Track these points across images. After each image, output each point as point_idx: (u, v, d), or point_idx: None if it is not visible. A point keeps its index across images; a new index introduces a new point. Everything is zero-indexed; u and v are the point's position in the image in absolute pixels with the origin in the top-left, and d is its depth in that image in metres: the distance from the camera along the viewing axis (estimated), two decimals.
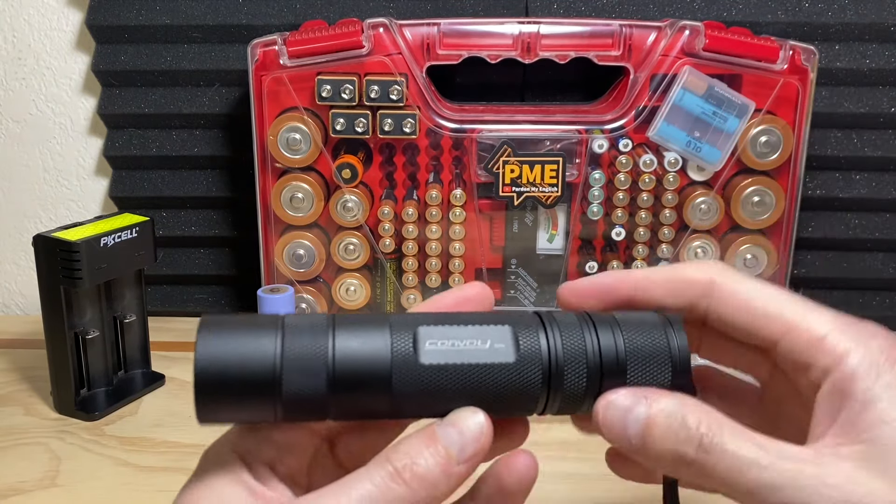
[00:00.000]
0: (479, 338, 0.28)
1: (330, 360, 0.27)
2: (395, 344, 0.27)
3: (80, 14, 0.76)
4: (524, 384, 0.28)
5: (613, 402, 0.28)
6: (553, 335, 0.29)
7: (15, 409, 0.61)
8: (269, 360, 0.27)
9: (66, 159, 0.80)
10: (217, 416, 0.28)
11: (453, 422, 0.27)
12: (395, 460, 0.26)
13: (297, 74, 0.63)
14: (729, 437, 0.26)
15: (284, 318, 0.28)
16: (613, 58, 0.64)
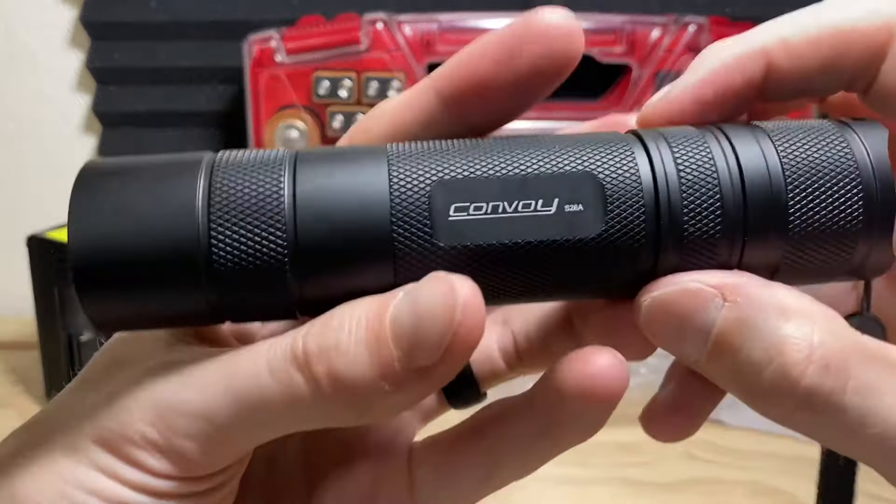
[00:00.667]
0: (540, 196, 0.18)
1: (288, 203, 0.17)
2: (393, 179, 0.18)
3: (74, 11, 0.75)
4: (616, 263, 0.18)
5: (659, 298, 0.18)
6: (662, 162, 0.18)
7: (9, 411, 0.60)
8: (187, 211, 0.17)
9: (60, 157, 0.79)
10: (120, 315, 0.18)
11: (413, 291, 0.17)
12: (311, 339, 0.17)
13: (294, 71, 0.62)
14: (860, 376, 0.17)
15: (214, 156, 0.19)
16: (617, 54, 0.63)
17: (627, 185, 0.18)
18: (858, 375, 0.17)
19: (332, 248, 0.17)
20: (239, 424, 0.17)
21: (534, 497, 0.50)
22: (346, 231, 0.17)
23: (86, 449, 0.18)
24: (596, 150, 0.18)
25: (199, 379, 0.17)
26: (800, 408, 0.17)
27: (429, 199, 0.17)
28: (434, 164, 0.18)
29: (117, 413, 0.17)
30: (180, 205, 0.17)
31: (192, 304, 0.18)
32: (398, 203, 0.17)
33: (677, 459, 0.54)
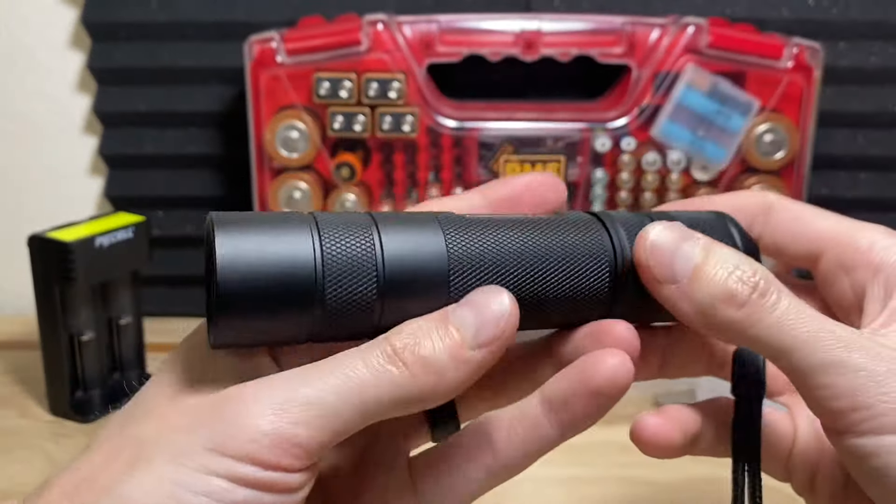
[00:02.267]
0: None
1: (379, 258, 0.23)
2: (449, 243, 0.24)
3: (75, 11, 0.75)
4: (592, 283, 0.26)
5: (663, 233, 0.26)
6: (618, 234, 0.27)
7: (9, 411, 0.60)
8: (307, 260, 0.22)
9: (60, 158, 0.80)
10: (238, 337, 0.23)
11: (469, 301, 0.23)
12: (396, 340, 0.22)
13: (294, 72, 0.62)
14: (785, 291, 0.25)
15: (315, 215, 0.24)
16: (616, 55, 0.63)
17: (601, 259, 0.27)
18: (781, 288, 0.25)
19: (408, 292, 0.24)
20: (342, 410, 0.22)
21: (533, 496, 0.50)
22: (414, 279, 0.24)
23: (197, 455, 0.21)
24: (579, 234, 0.27)
25: (306, 379, 0.22)
26: (753, 290, 0.25)
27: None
28: (477, 238, 0.25)
29: (232, 417, 0.21)
30: (305, 256, 0.22)
31: (298, 331, 0.23)
32: (454, 266, 0.24)
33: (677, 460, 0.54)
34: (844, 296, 0.29)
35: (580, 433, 0.26)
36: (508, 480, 0.27)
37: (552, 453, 0.54)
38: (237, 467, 0.21)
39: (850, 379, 0.24)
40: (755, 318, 0.25)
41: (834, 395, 0.24)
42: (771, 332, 0.24)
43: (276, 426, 0.21)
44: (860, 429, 0.24)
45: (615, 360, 0.25)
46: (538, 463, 0.55)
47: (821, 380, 0.24)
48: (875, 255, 0.28)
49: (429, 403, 0.23)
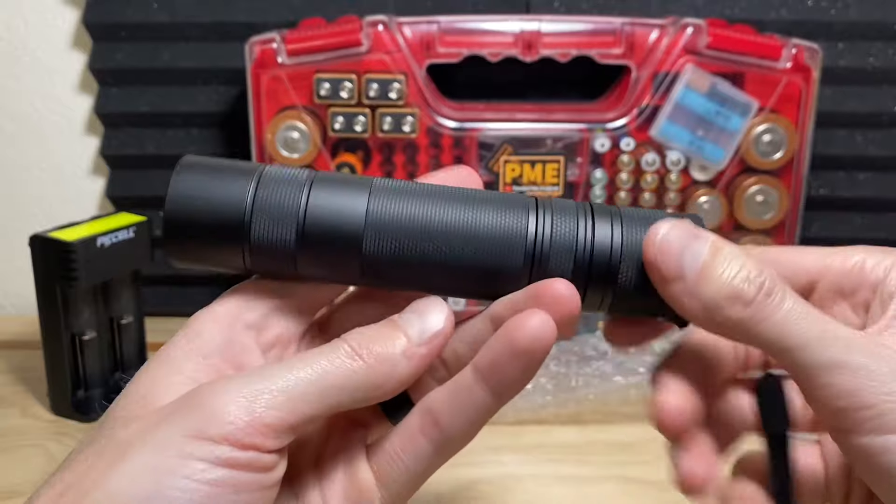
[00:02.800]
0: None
1: (301, 211, 0.27)
2: (371, 207, 0.27)
3: (76, 12, 0.75)
4: (504, 265, 0.27)
5: (673, 230, 0.27)
6: (544, 219, 0.27)
7: (11, 410, 0.60)
8: (238, 205, 0.27)
9: (62, 158, 0.80)
10: (186, 256, 0.28)
11: (413, 308, 0.27)
12: (351, 339, 0.26)
13: (295, 72, 0.62)
14: (790, 292, 0.26)
15: (264, 168, 0.28)
16: (615, 56, 0.63)
17: (517, 240, 0.27)
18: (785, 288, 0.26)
19: (326, 244, 0.27)
20: (308, 395, 0.24)
21: (532, 495, 0.51)
22: (334, 237, 0.27)
23: (175, 443, 0.23)
24: (503, 213, 0.27)
25: (273, 371, 0.24)
26: (759, 290, 0.25)
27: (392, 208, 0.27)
28: (398, 206, 0.27)
29: (207, 405, 0.23)
30: (237, 200, 0.27)
31: (233, 261, 0.28)
32: (369, 229, 0.27)
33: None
34: (848, 321, 0.29)
35: (516, 395, 0.27)
36: (507, 483, 0.30)
37: (554, 453, 0.54)
38: (214, 449, 0.23)
39: (853, 378, 0.24)
40: (760, 316, 0.25)
41: (837, 394, 0.24)
42: (775, 331, 0.25)
43: (249, 410, 0.23)
44: (864, 427, 0.24)
45: (536, 319, 0.26)
46: (539, 462, 0.56)
47: (824, 379, 0.24)
48: (869, 275, 0.28)
49: (384, 391, 0.26)
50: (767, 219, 0.64)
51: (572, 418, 0.59)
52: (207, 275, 0.78)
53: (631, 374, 0.56)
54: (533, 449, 0.55)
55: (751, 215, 0.64)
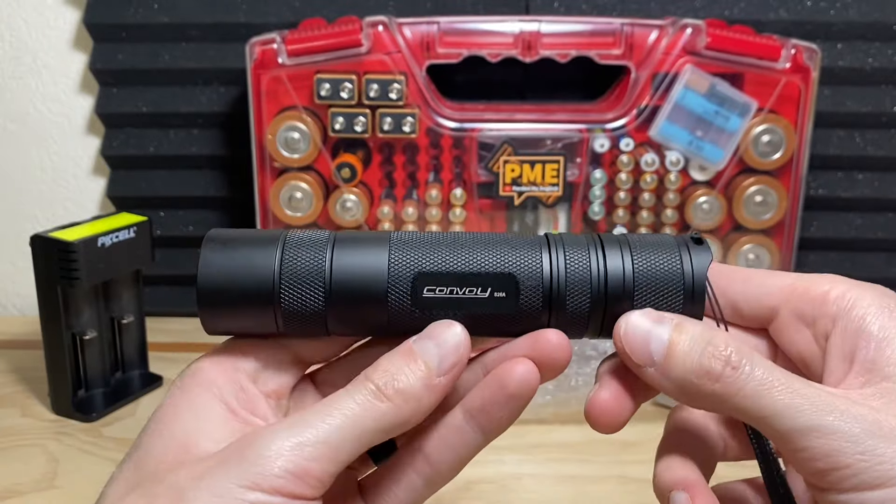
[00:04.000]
0: (478, 286, 0.28)
1: (327, 273, 0.28)
2: (392, 260, 0.28)
3: (77, 12, 0.76)
4: (526, 323, 0.29)
5: (635, 321, 0.28)
6: (557, 263, 0.28)
7: (12, 410, 0.60)
8: (267, 273, 0.28)
9: (63, 159, 0.80)
10: (220, 325, 0.29)
11: (429, 335, 0.28)
12: (376, 378, 0.27)
13: (295, 73, 0.62)
14: (757, 360, 0.26)
15: (287, 234, 0.29)
16: (615, 56, 0.63)
17: (533, 280, 0.28)
18: (752, 357, 0.26)
19: (353, 301, 0.28)
20: (344, 443, 0.26)
21: (533, 494, 0.51)
22: (360, 294, 0.28)
23: (232, 492, 0.25)
24: (517, 254, 0.28)
25: (309, 422, 0.26)
26: (726, 364, 0.26)
27: (411, 282, 0.28)
28: (418, 256, 0.28)
29: (257, 459, 0.25)
30: (265, 269, 0.28)
31: (265, 327, 0.29)
32: (392, 282, 0.28)
33: None
34: (807, 348, 0.29)
35: (503, 433, 0.29)
36: (507, 482, 0.33)
37: (554, 452, 0.55)
38: (267, 499, 0.25)
39: (828, 442, 0.25)
40: (732, 390, 0.26)
41: (814, 456, 0.25)
42: (749, 402, 0.26)
43: (296, 463, 0.25)
44: (842, 487, 0.25)
45: (524, 367, 0.28)
46: (540, 461, 0.56)
47: (801, 443, 0.25)
48: (831, 306, 0.28)
49: (410, 426, 0.27)
50: (766, 219, 0.64)
51: (573, 418, 0.59)
52: None
53: None
54: (534, 448, 0.56)
55: (750, 215, 0.64)
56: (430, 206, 0.64)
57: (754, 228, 0.65)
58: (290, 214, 0.65)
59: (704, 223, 0.65)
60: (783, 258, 0.66)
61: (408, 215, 0.64)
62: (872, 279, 0.83)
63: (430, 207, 0.64)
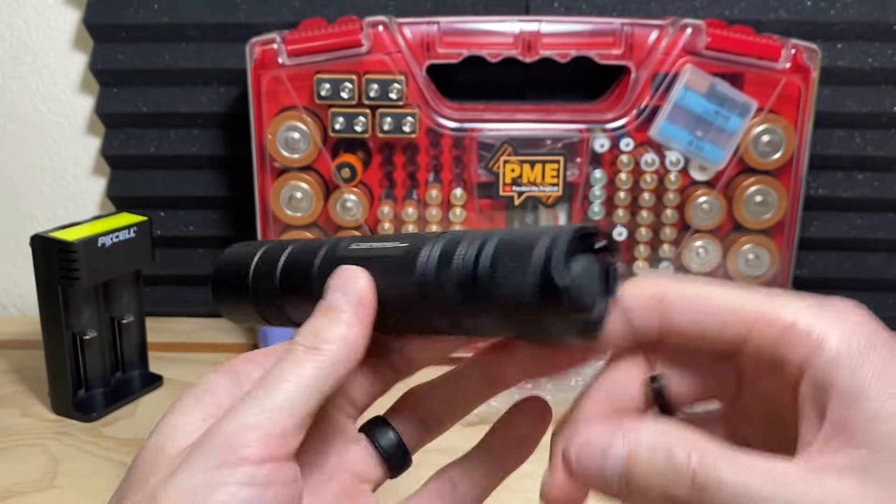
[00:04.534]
0: (389, 242, 0.30)
1: (279, 268, 0.32)
2: (323, 256, 0.31)
3: (77, 12, 0.76)
4: (406, 273, 0.29)
5: (587, 440, 0.26)
6: (432, 248, 0.28)
7: (12, 410, 0.60)
8: (245, 268, 0.33)
9: (63, 159, 0.80)
10: (225, 310, 0.35)
11: (331, 288, 0.29)
12: (302, 339, 0.28)
13: (295, 73, 0.62)
14: (726, 469, 0.23)
15: (287, 242, 0.33)
16: (615, 56, 0.63)
17: (423, 243, 0.29)
18: (718, 469, 0.23)
19: (293, 283, 0.32)
20: (296, 400, 0.26)
21: (533, 493, 0.51)
22: (297, 274, 0.32)
23: (202, 476, 0.25)
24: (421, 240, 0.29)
25: (260, 394, 0.27)
26: (691, 486, 0.23)
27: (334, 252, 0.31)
28: (347, 243, 0.31)
29: (221, 440, 0.26)
30: (245, 266, 0.33)
31: (253, 312, 0.34)
32: (319, 261, 0.31)
33: None
34: (779, 396, 0.25)
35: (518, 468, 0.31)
36: (507, 482, 0.32)
37: None
38: (239, 472, 0.25)
39: None
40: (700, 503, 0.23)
41: None
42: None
43: (258, 431, 0.26)
44: None
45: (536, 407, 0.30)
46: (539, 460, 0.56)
47: None
48: (797, 347, 0.24)
49: (352, 365, 0.28)
50: (766, 219, 0.64)
51: None
52: (206, 275, 0.78)
53: None
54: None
55: (750, 215, 0.64)
56: (430, 206, 0.64)
57: (754, 228, 0.65)
58: (290, 214, 0.65)
59: (704, 223, 0.65)
60: (783, 258, 0.66)
61: (408, 215, 0.64)
62: (872, 279, 0.83)
63: (430, 207, 0.65)
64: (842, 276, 0.75)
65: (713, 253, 0.66)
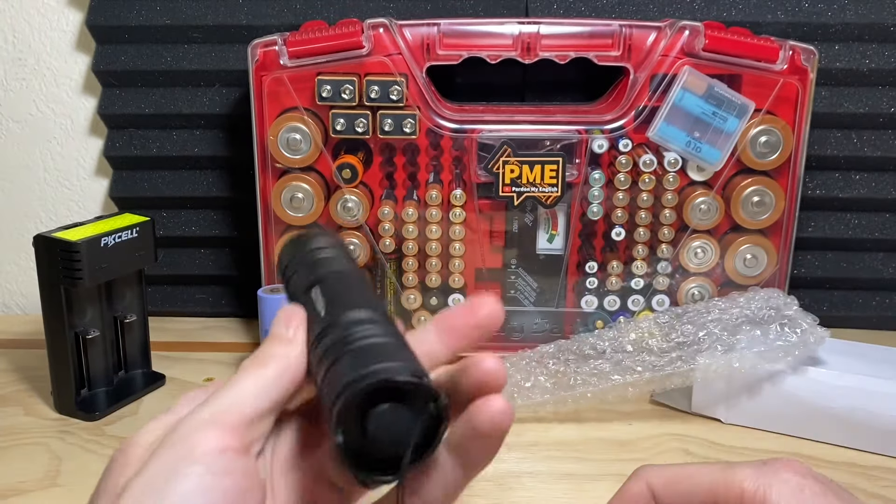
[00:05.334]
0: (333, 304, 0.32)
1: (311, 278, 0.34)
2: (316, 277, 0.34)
3: (80, 14, 0.76)
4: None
5: None
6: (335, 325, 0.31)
7: (15, 409, 0.61)
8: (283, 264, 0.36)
9: (66, 159, 0.80)
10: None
11: (277, 320, 0.33)
12: (250, 359, 0.31)
13: (297, 75, 0.63)
14: None
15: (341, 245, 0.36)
16: (613, 58, 0.64)
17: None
18: None
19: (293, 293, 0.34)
20: (247, 401, 0.29)
21: (531, 492, 0.51)
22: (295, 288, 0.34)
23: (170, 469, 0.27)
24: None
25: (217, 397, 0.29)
26: None
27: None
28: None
29: (182, 437, 0.28)
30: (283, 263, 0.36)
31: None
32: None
33: (674, 455, 0.55)
34: None
35: (486, 467, 0.30)
36: (506, 480, 0.33)
37: (553, 450, 0.55)
38: (196, 463, 0.27)
39: None
40: None
41: None
42: None
43: (215, 425, 0.28)
44: None
45: (496, 406, 0.28)
46: (538, 458, 0.56)
47: None
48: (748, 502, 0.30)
49: (294, 372, 0.30)
50: (763, 219, 0.65)
51: (571, 416, 0.59)
52: (210, 275, 0.79)
53: (629, 373, 0.57)
54: (532, 446, 0.56)
55: (747, 216, 0.64)
56: (431, 206, 0.65)
57: (752, 229, 0.65)
58: (291, 215, 0.65)
59: (702, 223, 0.65)
60: (780, 258, 0.66)
61: (408, 216, 0.65)
62: (869, 279, 0.83)
63: (431, 208, 0.65)
64: (838, 276, 0.76)
65: (711, 253, 0.66)
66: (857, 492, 0.51)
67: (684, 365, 0.56)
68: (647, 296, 0.67)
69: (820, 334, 0.56)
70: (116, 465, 0.29)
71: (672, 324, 0.60)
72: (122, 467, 0.29)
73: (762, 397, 0.57)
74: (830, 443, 0.56)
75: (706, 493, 0.32)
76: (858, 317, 0.76)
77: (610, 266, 0.67)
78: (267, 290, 0.63)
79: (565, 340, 0.62)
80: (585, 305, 0.68)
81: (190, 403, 0.31)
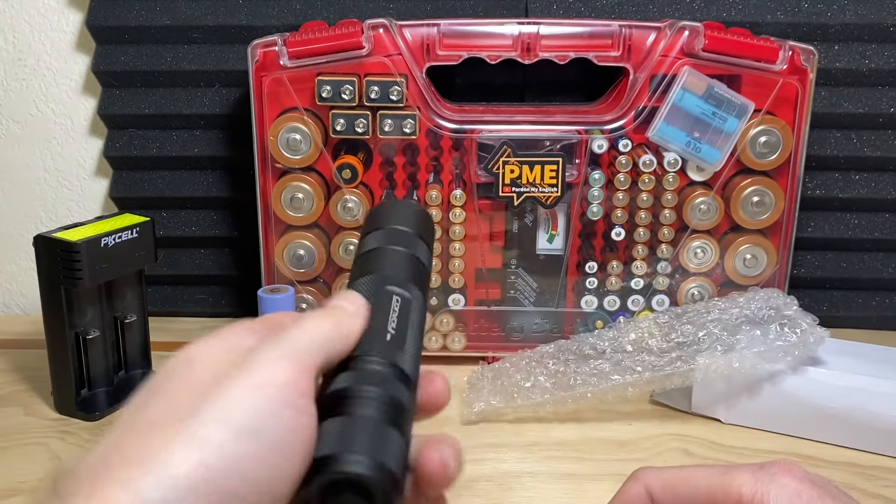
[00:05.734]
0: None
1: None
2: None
3: (80, 15, 0.76)
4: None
5: None
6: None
7: (15, 409, 0.61)
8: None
9: (66, 160, 0.80)
10: None
11: (338, 300, 0.33)
12: (325, 307, 0.32)
13: (297, 75, 0.63)
14: None
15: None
16: (613, 58, 0.64)
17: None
18: None
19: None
20: (307, 345, 0.30)
21: (531, 492, 0.51)
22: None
23: (236, 398, 0.27)
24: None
25: (296, 337, 0.30)
26: None
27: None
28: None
29: (258, 365, 0.28)
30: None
31: None
32: None
33: (673, 455, 0.55)
34: None
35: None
36: (506, 480, 0.33)
37: (553, 450, 0.55)
38: (266, 389, 0.27)
39: None
40: None
41: None
42: None
43: (282, 357, 0.28)
44: None
45: (439, 456, 0.29)
46: (538, 459, 0.56)
47: None
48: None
49: (352, 334, 0.31)
50: (763, 219, 0.65)
51: (571, 416, 0.59)
52: (210, 275, 0.79)
53: (628, 373, 0.57)
54: (532, 446, 0.56)
55: (747, 216, 0.65)
56: (431, 206, 0.65)
57: (751, 229, 0.65)
58: (291, 215, 0.65)
59: (702, 224, 0.65)
60: (780, 258, 0.66)
61: None
62: (869, 279, 0.83)
63: (431, 208, 0.65)
64: (838, 276, 0.76)
65: (711, 253, 0.66)
66: (857, 492, 0.51)
67: (684, 365, 0.56)
68: (646, 296, 0.67)
69: (820, 334, 0.56)
70: (175, 377, 0.29)
71: (672, 324, 0.60)
72: (185, 383, 0.28)
73: (762, 397, 0.57)
74: (830, 443, 0.56)
75: (704, 497, 0.32)
76: (858, 317, 0.76)
77: (610, 266, 0.67)
78: (267, 290, 0.63)
79: (565, 340, 0.62)
80: (585, 305, 0.68)
81: (248, 334, 0.31)
